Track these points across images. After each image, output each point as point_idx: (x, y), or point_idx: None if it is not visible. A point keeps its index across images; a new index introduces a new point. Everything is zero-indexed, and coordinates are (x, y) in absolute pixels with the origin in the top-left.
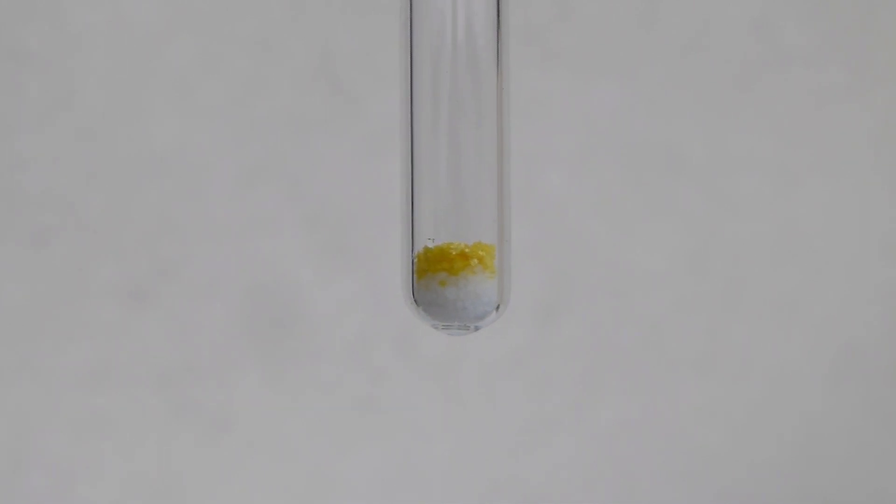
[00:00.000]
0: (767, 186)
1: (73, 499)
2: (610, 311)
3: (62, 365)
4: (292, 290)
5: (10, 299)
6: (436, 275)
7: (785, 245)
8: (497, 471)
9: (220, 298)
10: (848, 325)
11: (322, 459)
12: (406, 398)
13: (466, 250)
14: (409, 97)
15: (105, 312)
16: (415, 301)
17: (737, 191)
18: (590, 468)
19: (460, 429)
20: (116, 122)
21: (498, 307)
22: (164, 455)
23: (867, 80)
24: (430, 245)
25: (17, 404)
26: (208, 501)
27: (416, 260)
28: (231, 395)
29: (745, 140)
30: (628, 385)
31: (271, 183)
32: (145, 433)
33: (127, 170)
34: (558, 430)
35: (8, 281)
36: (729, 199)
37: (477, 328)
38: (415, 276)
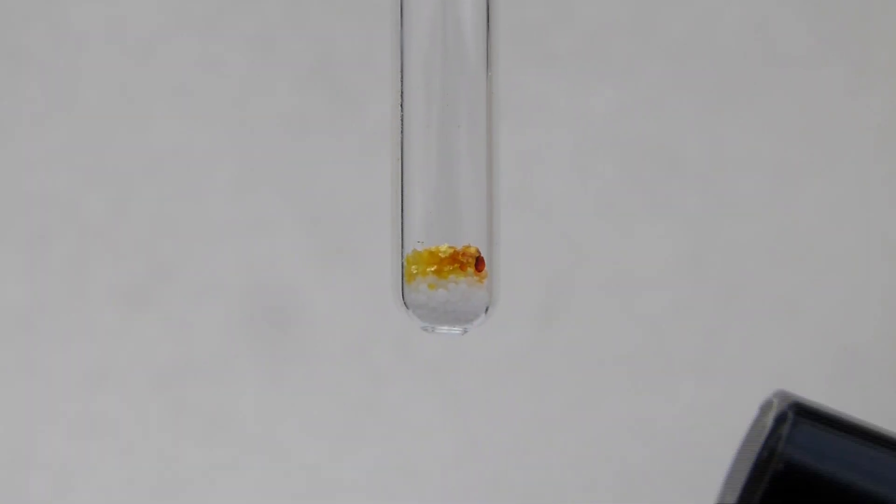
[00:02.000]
0: (767, 186)
1: (73, 499)
2: (609, 311)
3: (62, 365)
4: (291, 290)
5: (9, 299)
6: (425, 277)
7: (785, 245)
8: (497, 471)
9: (220, 299)
10: (849, 326)
11: (322, 459)
12: (406, 398)
13: (455, 253)
14: (400, 100)
15: (104, 313)
16: (404, 304)
17: (736, 191)
18: (590, 468)
19: (460, 429)
20: (116, 122)
21: (487, 309)
22: (163, 455)
23: (868, 80)
24: (420, 248)
25: (17, 404)
26: (208, 501)
27: (404, 263)
28: (230, 396)
29: (745, 140)
30: (628, 385)
31: (270, 184)
32: (145, 433)
33: (127, 170)
34: (558, 430)
35: (8, 281)
36: (728, 199)
37: (466, 330)
38: (404, 278)
